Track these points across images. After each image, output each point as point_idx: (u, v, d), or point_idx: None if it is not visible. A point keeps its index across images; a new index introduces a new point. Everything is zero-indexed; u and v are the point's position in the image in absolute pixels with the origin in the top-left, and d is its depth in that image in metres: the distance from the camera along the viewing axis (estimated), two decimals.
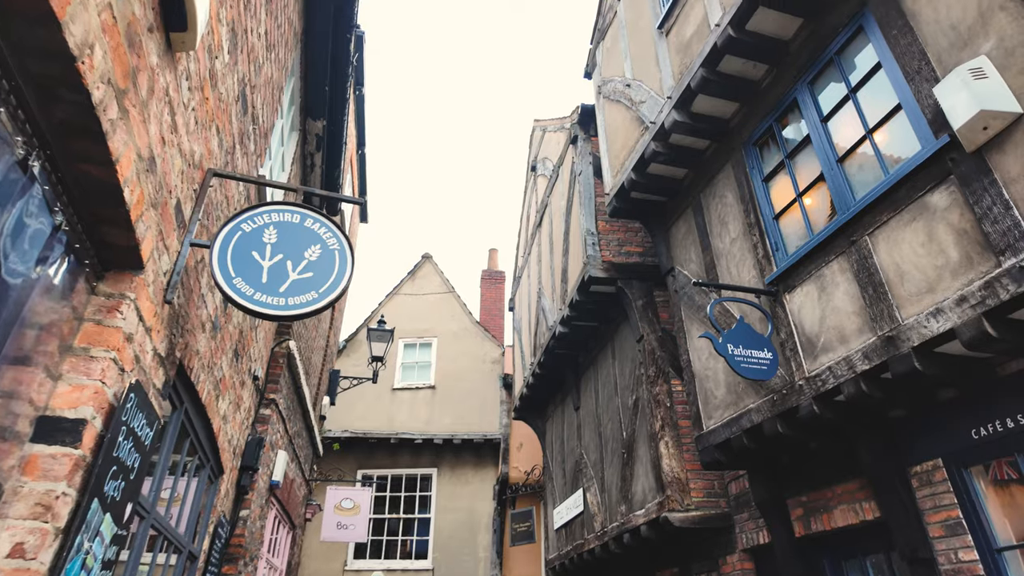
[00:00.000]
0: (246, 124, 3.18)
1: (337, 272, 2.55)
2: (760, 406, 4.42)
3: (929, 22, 3.43)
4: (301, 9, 4.37)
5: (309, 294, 2.45)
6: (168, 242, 2.24)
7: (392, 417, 13.09)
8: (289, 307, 2.39)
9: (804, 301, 4.15)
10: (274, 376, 5.76)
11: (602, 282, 6.80)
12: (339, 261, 2.59)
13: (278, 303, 2.39)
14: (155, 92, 1.89)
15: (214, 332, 3.24)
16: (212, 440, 3.80)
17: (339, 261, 2.59)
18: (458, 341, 14.14)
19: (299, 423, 7.39)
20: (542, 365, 9.04)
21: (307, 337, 7.28)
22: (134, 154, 1.77)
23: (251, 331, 4.49)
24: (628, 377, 6.85)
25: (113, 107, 1.59)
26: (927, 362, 3.26)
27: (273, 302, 2.38)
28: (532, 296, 10.17)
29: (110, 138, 1.60)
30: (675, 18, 5.50)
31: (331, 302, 2.47)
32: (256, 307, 2.35)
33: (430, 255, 15.12)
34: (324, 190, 3.18)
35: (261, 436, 5.31)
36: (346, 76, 5.16)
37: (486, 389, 13.49)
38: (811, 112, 4.31)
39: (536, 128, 10.89)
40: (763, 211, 4.70)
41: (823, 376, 3.86)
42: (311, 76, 4.98)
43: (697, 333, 5.37)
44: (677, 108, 5.22)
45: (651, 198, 6.16)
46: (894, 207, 3.51)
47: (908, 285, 3.37)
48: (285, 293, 2.42)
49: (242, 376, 4.41)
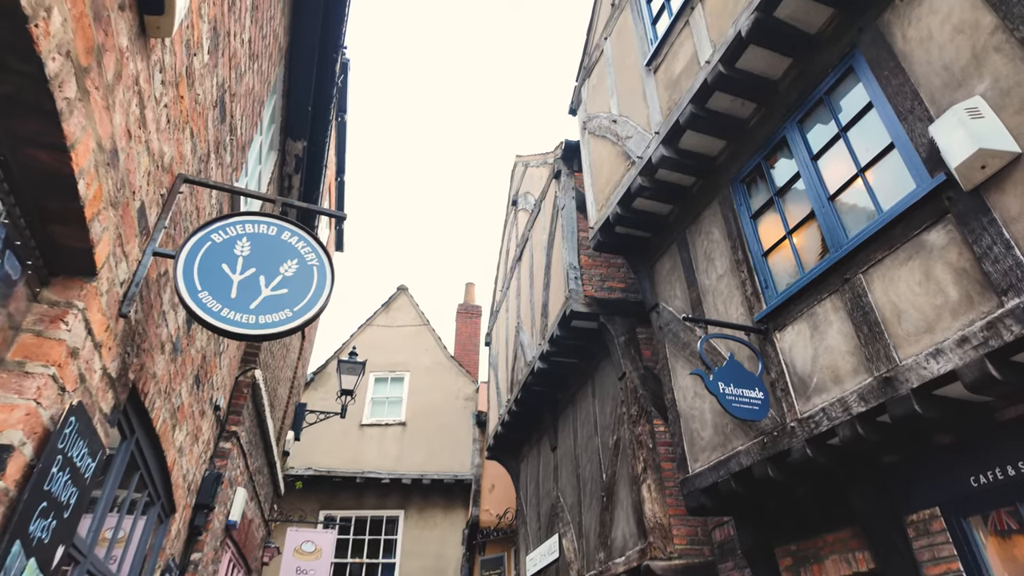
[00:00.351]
0: (223, 133, 3.00)
1: (315, 290, 2.34)
2: (749, 448, 4.26)
3: (921, 63, 3.45)
4: (288, 25, 4.25)
5: (283, 312, 2.24)
6: (128, 248, 2.02)
7: (359, 455, 12.59)
8: (259, 326, 2.17)
9: (795, 340, 4.05)
10: (237, 407, 5.41)
11: (584, 317, 6.66)
12: (317, 278, 2.38)
13: (247, 320, 2.16)
14: (123, 78, 1.70)
15: (174, 355, 2.97)
16: (165, 474, 3.47)
17: (317, 278, 2.38)
18: (431, 376, 13.79)
19: (261, 458, 6.97)
20: (519, 402, 8.78)
21: (274, 367, 6.94)
22: (93, 142, 1.57)
23: (215, 356, 4.20)
24: (609, 416, 6.65)
25: (71, 85, 1.40)
26: (927, 405, 3.15)
27: (242, 319, 2.16)
28: (510, 331, 9.98)
29: (65, 119, 1.40)
30: (663, 56, 5.53)
31: (306, 322, 2.26)
32: (222, 324, 2.12)
33: (406, 287, 14.87)
34: (303, 202, 2.99)
35: (220, 471, 4.95)
36: (330, 97, 5.03)
37: (458, 427, 13.11)
38: (801, 150, 4.30)
39: (518, 163, 10.89)
40: (751, 248, 4.63)
41: (816, 418, 3.73)
42: (294, 94, 4.83)
43: (682, 371, 5.23)
44: (665, 143, 5.19)
45: (635, 233, 6.10)
46: (889, 245, 3.45)
47: (905, 324, 3.29)
48: (256, 310, 2.20)
49: (202, 405, 4.10)
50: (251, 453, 6.20)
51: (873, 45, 3.79)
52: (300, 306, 2.27)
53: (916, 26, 3.53)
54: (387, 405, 13.60)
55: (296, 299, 2.28)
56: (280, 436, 8.27)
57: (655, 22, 5.92)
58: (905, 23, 3.61)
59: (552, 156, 8.45)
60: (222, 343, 4.39)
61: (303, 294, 2.31)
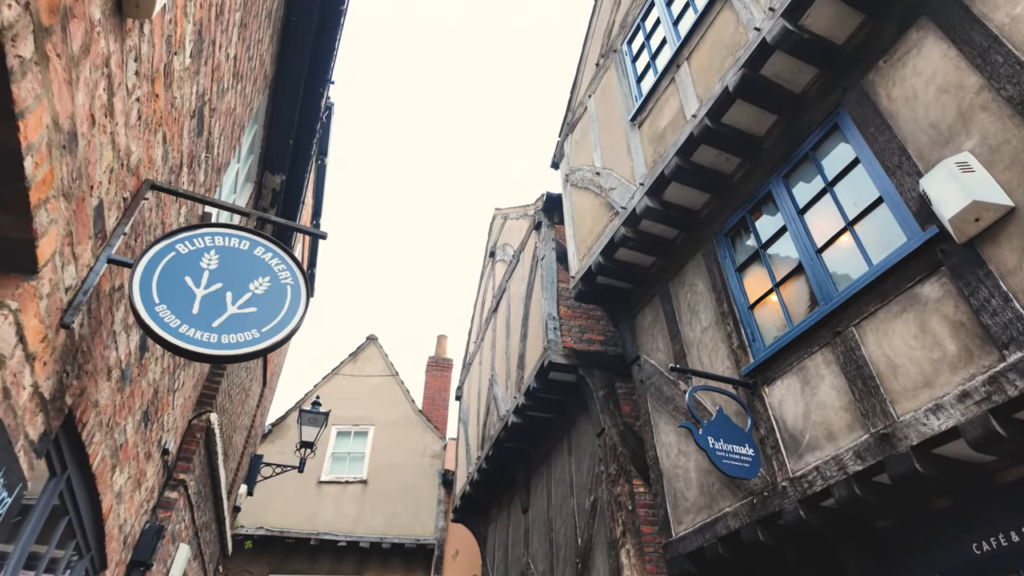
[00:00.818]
0: (199, 148, 2.82)
1: (287, 310, 2.13)
2: (738, 510, 4.04)
3: (907, 121, 3.50)
4: (275, 53, 4.17)
5: (249, 332, 2.01)
6: (79, 250, 1.79)
7: (315, 514, 11.84)
8: (221, 345, 1.93)
9: (785, 395, 3.92)
10: (188, 453, 4.99)
11: (562, 369, 6.46)
12: (291, 298, 2.17)
13: (208, 339, 1.93)
14: (91, 55, 1.53)
15: (122, 384, 2.67)
16: (99, 523, 3.08)
17: (291, 298, 2.17)
18: (397, 431, 13.25)
19: (209, 512, 6.42)
20: (490, 459, 8.40)
21: (231, 412, 6.51)
22: (48, 117, 1.38)
23: (168, 394, 3.86)
24: (586, 475, 6.35)
25: (28, 42, 1.22)
26: (927, 464, 3.01)
27: (202, 338, 1.92)
28: (483, 384, 9.67)
29: (16, 81, 1.21)
30: (648, 111, 5.61)
31: (274, 345, 2.03)
32: (179, 342, 1.88)
33: (375, 337, 14.47)
34: (282, 218, 2.81)
35: (162, 524, 4.48)
36: (313, 131, 4.92)
37: (423, 486, 12.50)
38: (787, 204, 4.31)
39: (497, 216, 10.89)
40: (737, 300, 4.56)
41: (810, 477, 3.55)
42: (276, 126, 4.71)
43: (666, 427, 5.03)
44: (649, 195, 5.18)
45: (617, 284, 6.01)
46: (881, 298, 3.39)
47: (902, 379, 3.18)
48: (219, 329, 1.97)
49: (149, 447, 3.73)
50: (199, 506, 5.69)
51: (858, 104, 3.86)
52: (269, 327, 2.05)
53: (901, 86, 3.60)
54: (348, 461, 12.95)
55: (265, 319, 2.06)
56: (232, 489, 7.69)
57: (639, 80, 6.05)
58: (889, 83, 3.69)
59: (533, 208, 8.45)
60: (177, 380, 4.06)
61: (273, 314, 2.09)
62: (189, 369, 4.44)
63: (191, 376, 4.60)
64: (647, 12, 6.22)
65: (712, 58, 4.78)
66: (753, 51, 4.18)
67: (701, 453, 4.51)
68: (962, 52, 3.27)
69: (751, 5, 4.41)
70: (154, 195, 2.36)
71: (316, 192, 8.61)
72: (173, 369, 3.84)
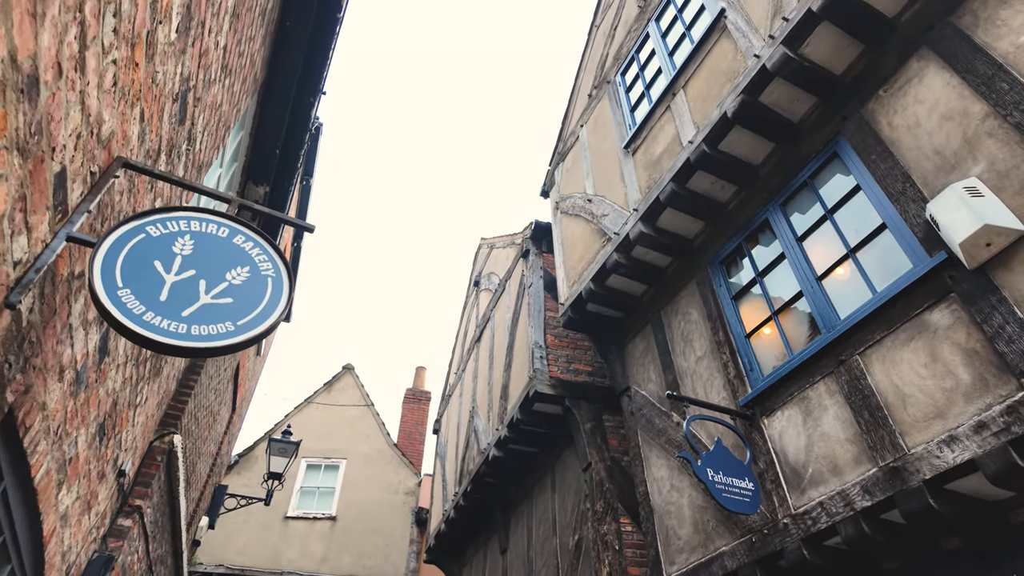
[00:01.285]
0: (179, 138, 2.64)
1: (266, 304, 1.92)
2: (735, 549, 3.81)
3: (911, 148, 3.47)
4: (266, 57, 4.04)
5: (223, 324, 1.79)
6: (33, 220, 1.58)
7: (280, 552, 11.22)
8: (191, 337, 1.72)
9: (786, 426, 3.75)
10: (146, 477, 4.62)
11: (548, 400, 6.23)
12: (271, 291, 1.97)
13: (176, 330, 1.71)
14: None
15: (76, 387, 2.41)
16: (39, 547, 2.76)
17: (271, 291, 1.97)
18: (370, 465, 12.75)
19: (166, 545, 5.97)
20: (468, 496, 8.04)
21: (196, 436, 6.13)
22: (4, 48, 1.20)
23: (128, 408, 3.57)
24: (570, 513, 6.06)
25: None
26: (941, 499, 2.84)
27: (169, 327, 1.70)
28: (463, 416, 9.36)
29: None
30: (643, 139, 5.58)
31: (250, 340, 1.81)
32: (143, 330, 1.66)
33: (352, 366, 14.07)
34: (267, 208, 2.59)
35: (112, 555, 4.10)
36: (301, 143, 4.77)
37: (395, 524, 11.97)
38: (785, 232, 4.23)
39: (483, 245, 10.77)
40: (733, 329, 4.43)
41: (814, 514, 3.36)
42: (262, 135, 4.55)
43: (657, 460, 4.82)
44: (643, 220, 5.09)
45: (607, 312, 5.86)
46: (888, 325, 3.28)
47: (912, 409, 3.04)
48: (189, 319, 1.75)
49: (104, 465, 3.42)
50: (155, 536, 5.27)
51: (858, 132, 3.84)
52: (246, 320, 1.84)
53: (902, 114, 3.58)
54: (317, 496, 12.38)
55: (242, 311, 1.85)
56: (192, 521, 7.21)
57: (633, 109, 6.04)
58: (890, 112, 3.67)
59: (520, 236, 8.34)
60: (140, 394, 3.77)
61: (251, 307, 1.88)
62: (154, 384, 4.15)
63: (155, 392, 4.30)
64: (641, 44, 6.26)
65: (709, 86, 4.77)
66: (753, 77, 4.17)
67: (695, 488, 4.31)
68: (966, 80, 3.26)
69: (750, 34, 4.42)
70: (126, 176, 2.16)
71: (300, 212, 8.41)
72: (136, 381, 3.56)
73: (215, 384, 6.32)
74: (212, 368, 5.87)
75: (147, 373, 3.79)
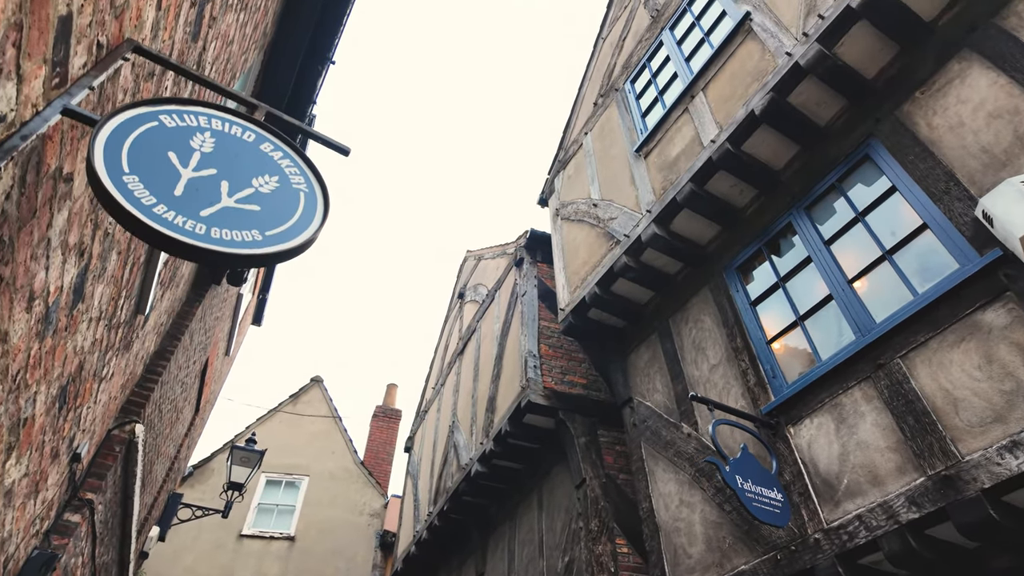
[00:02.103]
0: (189, 57, 2.33)
1: (300, 217, 1.61)
2: (756, 568, 3.52)
3: (953, 147, 3.35)
4: (277, 12, 3.76)
5: (248, 232, 1.47)
6: (27, 68, 1.26)
7: (232, 573, 10.43)
8: (211, 240, 1.39)
9: (816, 435, 3.52)
10: (101, 468, 4.12)
11: (540, 411, 5.90)
12: (304, 206, 1.65)
13: (194, 229, 1.38)
14: None
15: (45, 328, 2.03)
16: None
17: (304, 206, 1.65)
18: (334, 484, 12.09)
19: (113, 552, 5.37)
20: (443, 515, 7.57)
21: (159, 431, 5.59)
22: None
23: (94, 379, 3.14)
24: (560, 534, 5.68)
25: None
26: (1001, 511, 2.62)
27: (185, 225, 1.38)
28: (441, 432, 8.91)
29: None
30: (656, 142, 5.43)
31: (283, 252, 1.50)
32: (153, 223, 1.33)
33: (320, 378, 13.45)
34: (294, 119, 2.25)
35: (55, 553, 3.58)
36: (304, 112, 4.47)
37: (358, 547, 11.29)
38: (811, 235, 4.07)
39: (469, 257, 10.48)
40: (753, 336, 4.22)
41: (850, 528, 3.10)
42: (265, 97, 4.24)
43: (664, 474, 4.52)
44: (657, 222, 4.90)
45: (610, 321, 5.61)
46: (933, 326, 3.10)
47: (965, 414, 2.84)
48: (209, 220, 1.43)
49: (59, 442, 2.97)
50: (103, 539, 4.71)
51: (893, 134, 3.73)
52: (276, 231, 1.52)
53: (943, 115, 3.48)
54: (276, 514, 11.64)
55: (271, 222, 1.54)
56: (143, 528, 6.56)
57: (645, 115, 5.92)
58: (929, 113, 3.57)
59: (513, 246, 8.10)
60: (108, 365, 3.34)
61: (281, 219, 1.57)
62: (122, 360, 3.71)
63: (122, 371, 3.85)
64: (654, 52, 6.19)
65: (734, 87, 4.66)
66: (784, 75, 4.06)
67: (709, 502, 4.02)
68: (1014, 79, 3.17)
69: (779, 34, 4.33)
70: (132, 74, 1.84)
71: None
72: (106, 348, 3.14)
73: (183, 376, 5.83)
74: (182, 357, 5.40)
75: (117, 342, 3.37)
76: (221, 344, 7.86)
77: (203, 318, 5.81)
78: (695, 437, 4.34)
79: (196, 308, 5.34)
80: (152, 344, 4.67)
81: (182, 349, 5.26)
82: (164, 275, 3.97)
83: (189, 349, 5.62)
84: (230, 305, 7.52)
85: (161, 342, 4.97)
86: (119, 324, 3.24)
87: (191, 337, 5.50)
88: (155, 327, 4.51)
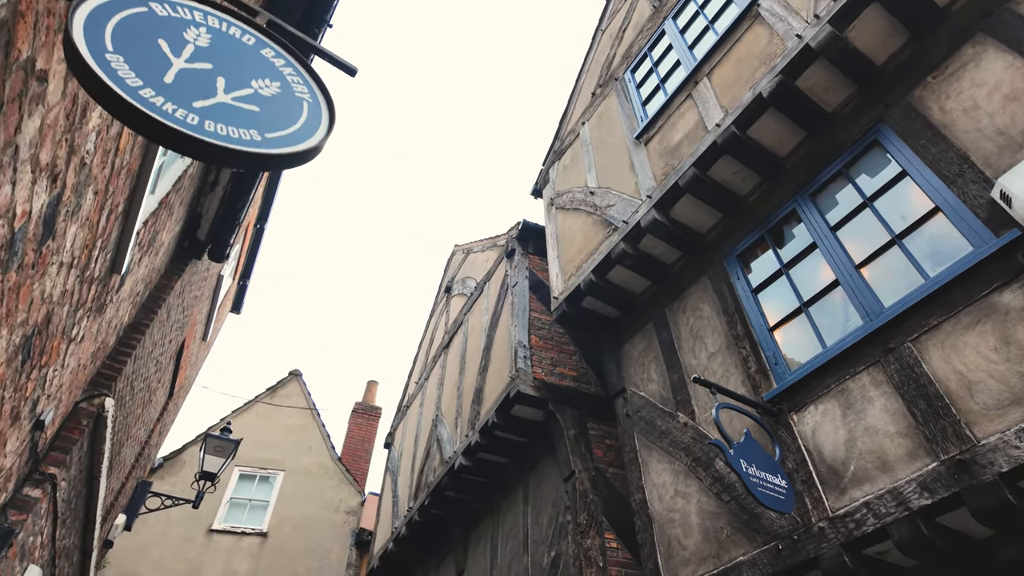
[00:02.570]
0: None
1: (303, 125, 1.45)
2: (756, 558, 3.40)
3: (968, 131, 3.29)
4: None
5: (246, 131, 1.31)
6: None
7: (200, 568, 10.07)
8: (205, 131, 1.22)
9: (821, 421, 3.41)
10: (66, 442, 3.87)
11: (529, 402, 5.74)
12: (308, 114, 1.49)
13: (186, 118, 1.22)
14: None
15: (8, 258, 1.83)
16: None
17: (308, 114, 1.49)
18: (310, 480, 11.78)
19: (75, 536, 5.07)
20: (424, 511, 7.35)
21: (129, 410, 5.32)
22: None
23: (62, 338, 2.92)
24: (546, 528, 5.52)
25: None
26: (1021, 495, 2.53)
27: (176, 113, 1.21)
28: (424, 426, 8.70)
29: None
30: (658, 128, 5.34)
31: (283, 157, 1.34)
32: (139, 105, 1.16)
33: (299, 372, 13.14)
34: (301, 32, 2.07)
35: (12, 528, 3.33)
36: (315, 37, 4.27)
37: (332, 545, 10.99)
38: (817, 222, 3.99)
39: (457, 251, 10.32)
40: (754, 323, 4.11)
41: (858, 515, 2.99)
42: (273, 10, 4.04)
43: (658, 465, 4.39)
44: (657, 208, 4.80)
45: (604, 310, 5.49)
46: (947, 309, 3.01)
47: (981, 397, 2.75)
48: (203, 112, 1.26)
49: (20, 402, 2.74)
50: (65, 521, 4.43)
51: (904, 119, 3.66)
52: (276, 135, 1.36)
53: (957, 99, 3.42)
54: (248, 509, 11.30)
55: (272, 124, 1.38)
56: (109, 515, 6.25)
57: (645, 103, 5.83)
58: (942, 97, 3.51)
59: (504, 238, 7.96)
60: (79, 326, 3.12)
61: (284, 123, 1.41)
62: (94, 324, 3.48)
63: (93, 336, 3.61)
64: (655, 42, 6.11)
65: (740, 71, 4.58)
66: (794, 57, 3.98)
67: (706, 492, 3.89)
68: None
69: (789, 18, 4.26)
70: None
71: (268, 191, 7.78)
72: (77, 304, 2.92)
73: (157, 355, 5.57)
74: (158, 333, 5.15)
75: (90, 301, 3.15)
76: (199, 327, 7.58)
77: (182, 294, 5.56)
78: (691, 426, 4.22)
79: (175, 281, 5.10)
80: (127, 315, 4.43)
81: (158, 324, 5.01)
82: (143, 236, 3.75)
83: (165, 325, 5.37)
84: (209, 286, 7.26)
85: (136, 314, 4.72)
86: (93, 279, 3.03)
87: (168, 312, 5.26)
88: (131, 296, 4.27)
